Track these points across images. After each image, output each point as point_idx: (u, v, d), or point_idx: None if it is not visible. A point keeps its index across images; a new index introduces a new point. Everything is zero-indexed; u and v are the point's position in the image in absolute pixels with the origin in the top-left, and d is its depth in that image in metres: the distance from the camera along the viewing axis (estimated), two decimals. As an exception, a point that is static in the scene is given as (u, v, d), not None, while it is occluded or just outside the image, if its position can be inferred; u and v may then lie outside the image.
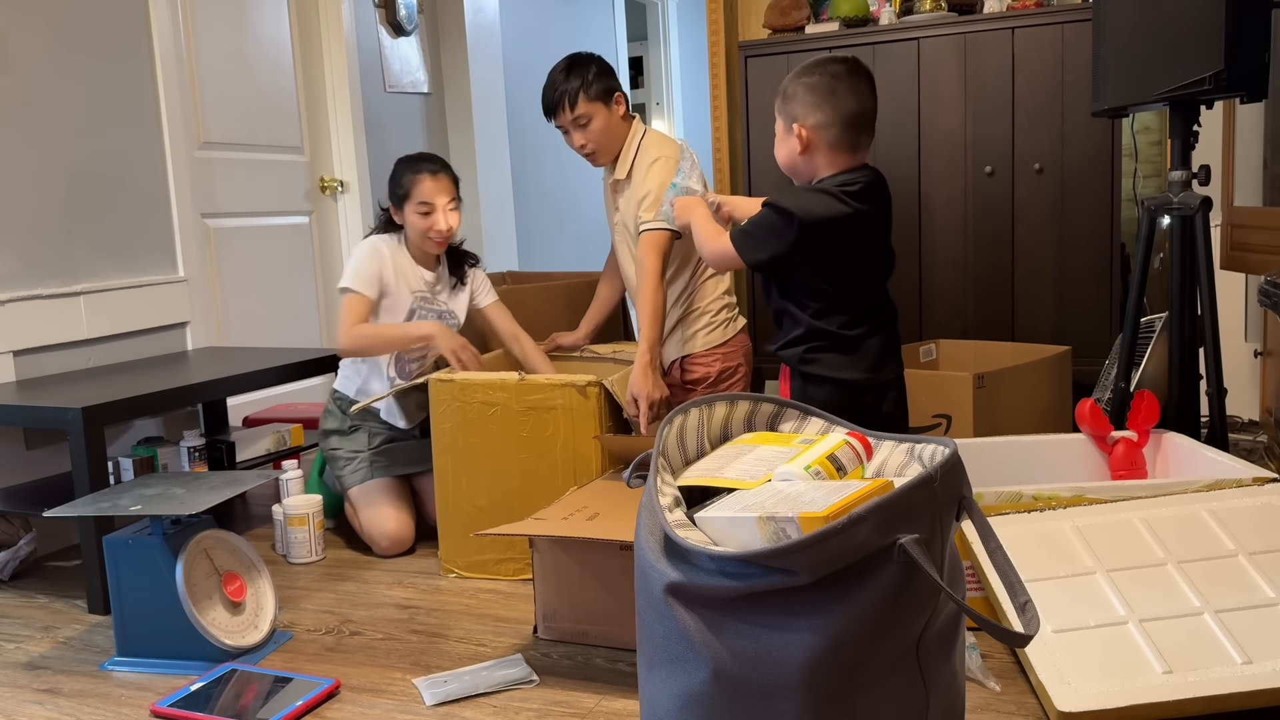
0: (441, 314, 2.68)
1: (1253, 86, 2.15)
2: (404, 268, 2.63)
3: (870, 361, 2.04)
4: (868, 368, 2.03)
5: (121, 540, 1.95)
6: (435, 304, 2.67)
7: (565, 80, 2.57)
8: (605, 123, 2.59)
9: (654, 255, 2.46)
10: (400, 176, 2.60)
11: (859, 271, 2.03)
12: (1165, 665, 1.54)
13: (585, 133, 2.59)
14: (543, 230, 5.32)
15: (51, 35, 2.76)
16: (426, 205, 2.56)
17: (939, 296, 3.44)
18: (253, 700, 1.77)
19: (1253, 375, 3.37)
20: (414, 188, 2.56)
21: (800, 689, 1.14)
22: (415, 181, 2.56)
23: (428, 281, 2.66)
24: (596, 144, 2.61)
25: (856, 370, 2.03)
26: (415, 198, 2.56)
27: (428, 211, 2.56)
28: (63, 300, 2.76)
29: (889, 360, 2.08)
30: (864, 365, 2.03)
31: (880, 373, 2.05)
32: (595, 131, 2.59)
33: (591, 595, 1.94)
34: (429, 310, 2.66)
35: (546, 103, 2.61)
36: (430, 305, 2.67)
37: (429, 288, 2.66)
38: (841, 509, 1.14)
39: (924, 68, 3.39)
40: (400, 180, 2.59)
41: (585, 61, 2.60)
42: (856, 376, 2.02)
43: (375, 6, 4.01)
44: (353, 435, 2.65)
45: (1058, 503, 1.89)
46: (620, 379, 2.36)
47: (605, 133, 2.60)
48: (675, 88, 6.78)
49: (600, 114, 2.58)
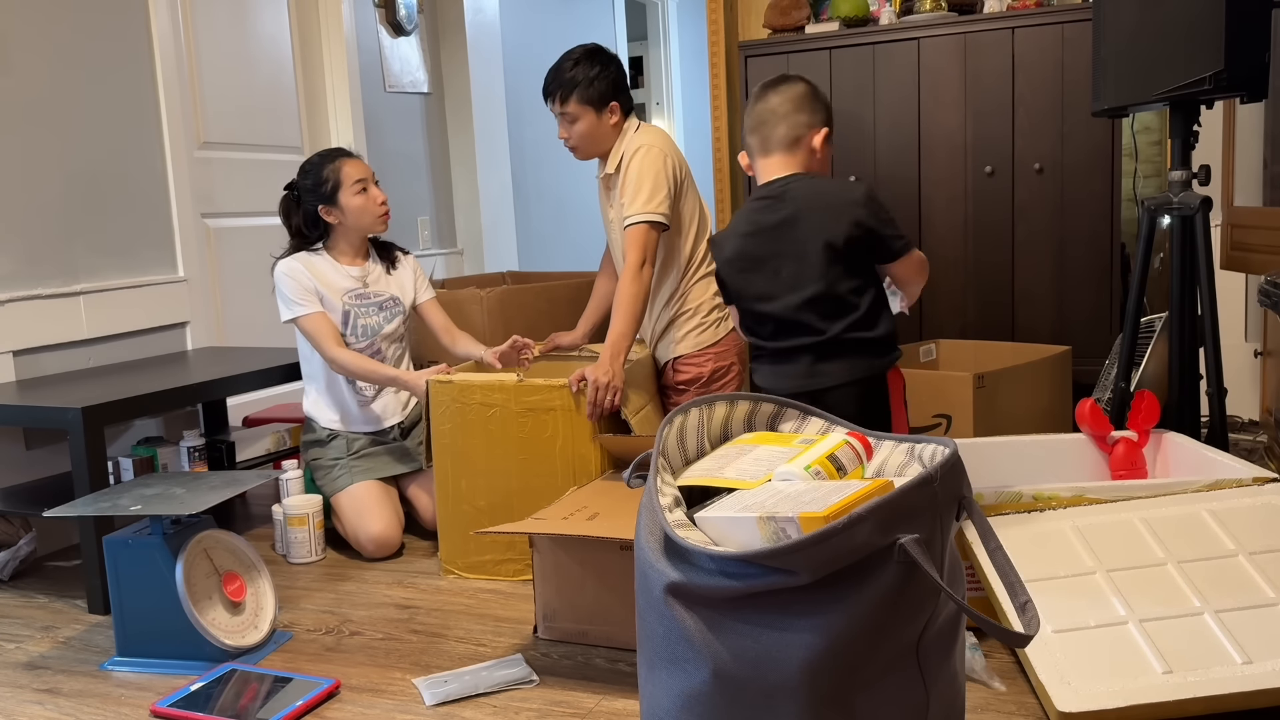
0: (383, 304, 2.69)
1: (1253, 86, 2.14)
2: (326, 274, 2.63)
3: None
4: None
5: (121, 540, 1.95)
6: (371, 297, 2.68)
7: (569, 70, 2.54)
8: (590, 128, 2.56)
9: (635, 249, 2.44)
10: (320, 172, 2.62)
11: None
12: (1165, 665, 1.54)
13: (570, 129, 2.58)
14: (543, 230, 5.32)
15: (51, 35, 2.77)
16: (361, 183, 2.61)
17: (939, 296, 3.44)
18: (252, 700, 1.77)
19: (1253, 375, 3.37)
20: (340, 173, 2.60)
21: (800, 689, 1.14)
22: (338, 169, 2.61)
23: (357, 277, 2.67)
24: (577, 143, 2.60)
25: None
26: (347, 181, 2.59)
27: (364, 188, 2.61)
28: (63, 300, 2.76)
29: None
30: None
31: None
32: (578, 132, 2.57)
33: (591, 595, 1.94)
34: (367, 305, 2.67)
35: (545, 84, 2.60)
36: (367, 300, 2.67)
37: (359, 282, 2.67)
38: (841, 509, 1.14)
39: (924, 68, 3.39)
40: (322, 175, 2.61)
41: (596, 61, 2.55)
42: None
43: (375, 6, 4.01)
44: (331, 443, 2.66)
45: (1057, 503, 1.89)
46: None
47: (588, 136, 2.57)
48: (675, 88, 6.78)
49: (587, 118, 2.55)
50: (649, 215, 2.45)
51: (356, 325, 2.65)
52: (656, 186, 2.48)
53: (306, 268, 2.62)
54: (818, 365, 2.11)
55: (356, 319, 2.65)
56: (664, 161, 2.50)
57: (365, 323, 2.66)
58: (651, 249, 2.47)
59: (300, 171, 2.67)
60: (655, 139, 2.56)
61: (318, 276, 2.62)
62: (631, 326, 2.40)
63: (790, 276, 2.10)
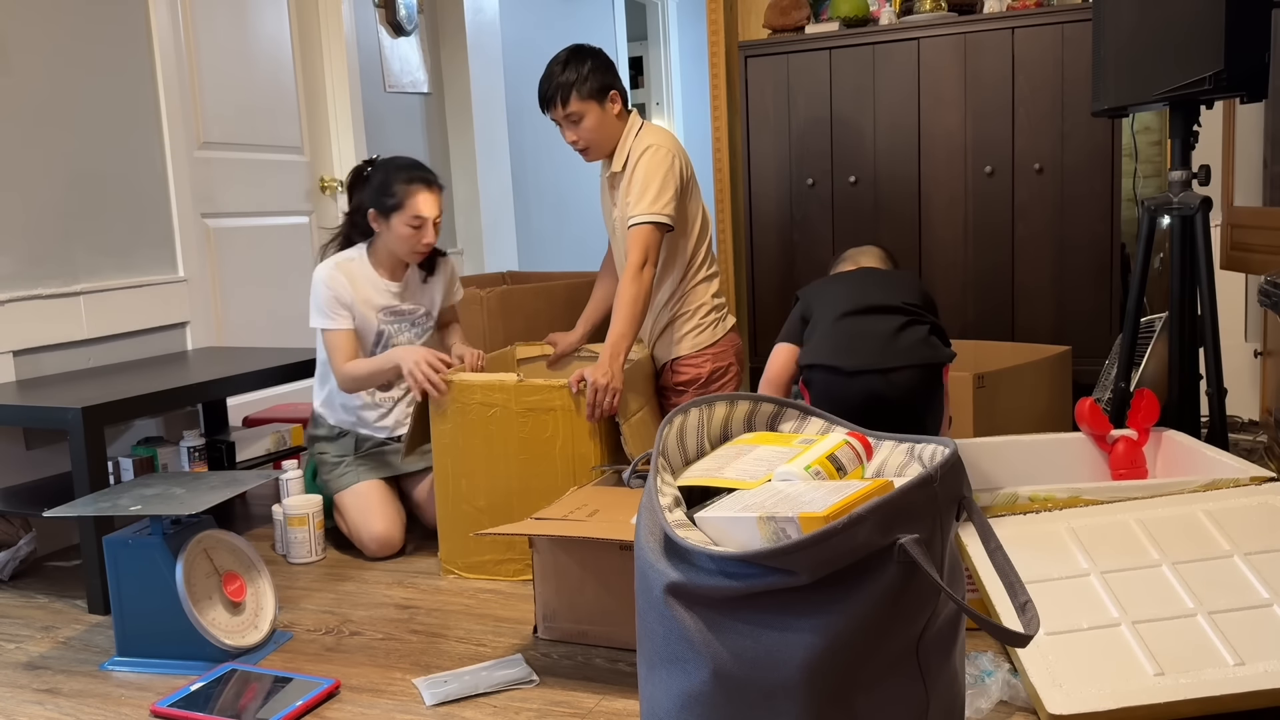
0: (416, 319, 2.64)
1: (1253, 86, 2.14)
2: (364, 287, 2.54)
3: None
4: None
5: (121, 540, 1.95)
6: (406, 314, 2.62)
7: (561, 74, 2.53)
8: (598, 121, 2.55)
9: (639, 249, 2.43)
10: (391, 184, 2.47)
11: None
12: (1157, 667, 1.54)
13: (577, 130, 2.56)
14: (542, 230, 5.32)
15: (52, 35, 2.77)
16: (419, 220, 2.47)
17: (939, 296, 3.44)
18: (252, 700, 1.77)
19: (1253, 375, 3.38)
20: (408, 200, 2.46)
21: (800, 689, 1.14)
22: (410, 193, 2.46)
23: (395, 292, 2.59)
24: (588, 141, 2.58)
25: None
26: (409, 210, 2.46)
27: (419, 226, 2.48)
28: (63, 300, 2.76)
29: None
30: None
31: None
32: (587, 130, 2.55)
33: (591, 595, 1.94)
34: (400, 321, 2.60)
35: (541, 95, 2.58)
36: (402, 318, 2.61)
37: (396, 297, 2.60)
38: (841, 509, 1.14)
39: (924, 68, 3.39)
40: (391, 188, 2.47)
41: (583, 56, 2.55)
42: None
43: (375, 6, 4.01)
44: (339, 440, 2.65)
45: (1054, 504, 1.88)
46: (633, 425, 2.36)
47: (597, 131, 2.56)
48: (675, 88, 6.78)
49: (593, 112, 2.54)
50: (654, 216, 2.45)
51: (389, 345, 2.59)
52: (664, 187, 2.47)
53: (348, 279, 2.52)
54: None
55: (390, 339, 2.60)
56: (672, 162, 2.50)
57: (398, 341, 2.60)
58: (654, 250, 2.46)
59: (381, 163, 2.56)
60: (663, 139, 2.55)
61: (356, 289, 2.53)
62: (631, 327, 2.39)
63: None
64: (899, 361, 2.16)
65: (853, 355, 2.18)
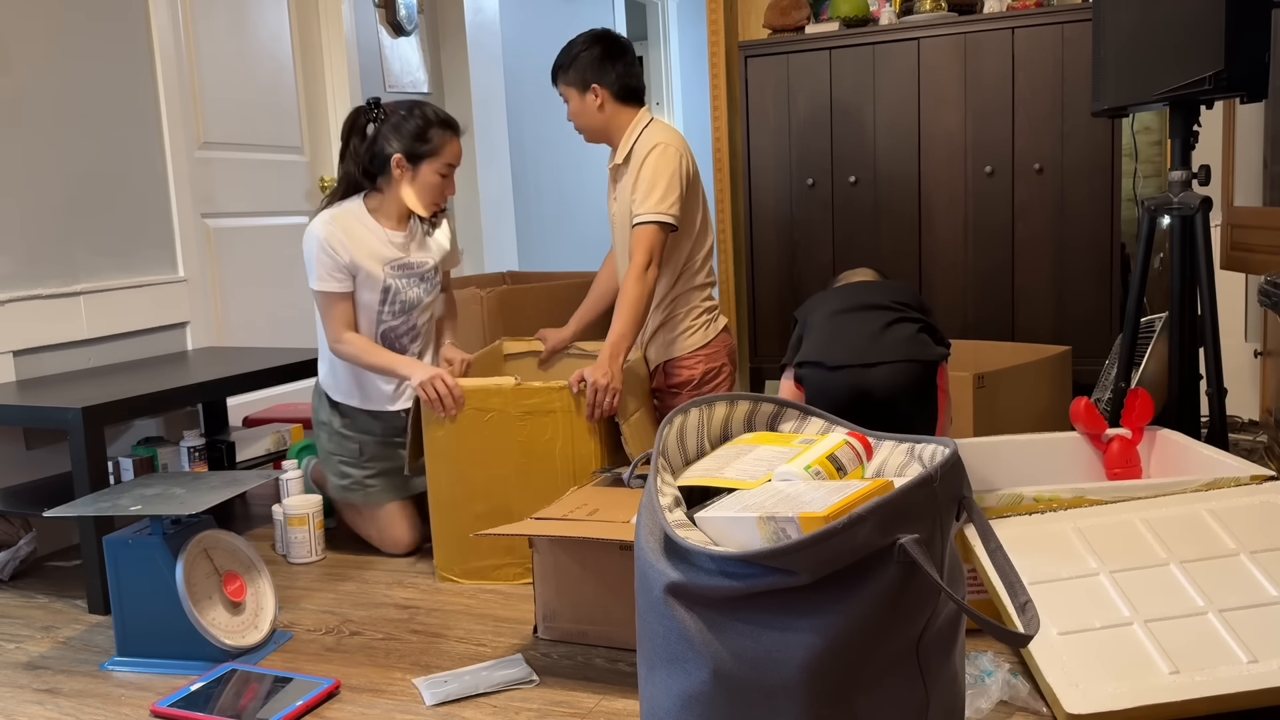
0: (424, 274, 2.52)
1: (1253, 86, 2.14)
2: (368, 240, 2.42)
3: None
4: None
5: (121, 540, 1.95)
6: (414, 267, 2.50)
7: (564, 53, 2.63)
8: (579, 109, 2.61)
9: (643, 250, 2.42)
10: (427, 130, 2.40)
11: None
12: (1171, 665, 1.54)
13: (568, 109, 2.65)
14: (542, 230, 5.32)
15: (51, 35, 2.77)
16: (449, 168, 2.43)
17: (939, 296, 3.44)
18: (253, 700, 1.77)
19: (1253, 375, 3.38)
20: (445, 147, 2.41)
21: (800, 689, 1.14)
22: (446, 140, 2.41)
23: (400, 245, 2.47)
24: (577, 124, 2.65)
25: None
26: (443, 158, 2.41)
27: (447, 174, 2.44)
28: (63, 300, 2.76)
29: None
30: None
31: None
32: (572, 113, 2.64)
33: (591, 595, 1.94)
34: (408, 275, 2.48)
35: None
36: (410, 272, 2.49)
37: (403, 250, 2.47)
38: (841, 509, 1.14)
39: (924, 68, 3.39)
40: (427, 134, 2.40)
41: (586, 44, 2.61)
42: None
43: (375, 6, 4.01)
44: (342, 441, 2.54)
45: (1059, 504, 1.89)
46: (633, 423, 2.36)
47: (579, 117, 2.63)
48: (675, 88, 6.78)
49: (573, 100, 2.61)
50: (659, 216, 2.44)
51: (396, 300, 2.48)
52: (670, 187, 2.46)
53: (345, 234, 2.39)
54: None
55: (397, 294, 2.47)
56: (679, 162, 2.50)
57: (406, 297, 2.50)
58: (659, 250, 2.45)
59: (405, 106, 2.44)
60: (671, 138, 2.55)
61: (358, 248, 2.40)
62: (632, 328, 2.38)
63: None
64: (882, 356, 2.15)
65: (837, 350, 2.19)
